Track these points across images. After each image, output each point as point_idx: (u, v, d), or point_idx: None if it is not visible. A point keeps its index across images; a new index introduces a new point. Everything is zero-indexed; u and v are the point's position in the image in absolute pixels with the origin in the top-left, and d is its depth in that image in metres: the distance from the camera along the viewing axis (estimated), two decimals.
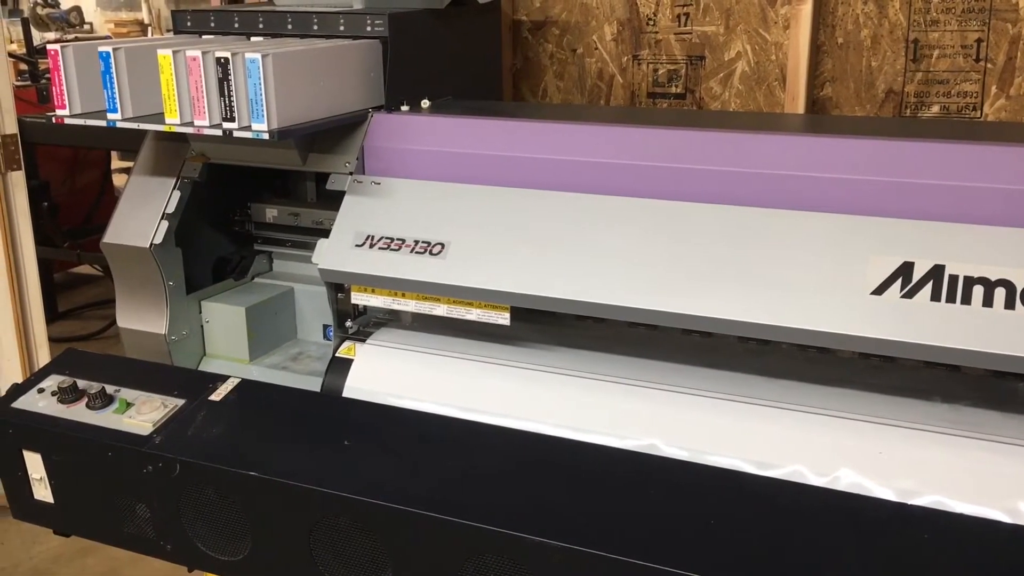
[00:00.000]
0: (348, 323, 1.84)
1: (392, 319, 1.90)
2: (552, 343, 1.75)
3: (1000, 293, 1.36)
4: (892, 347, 1.39)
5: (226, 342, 2.06)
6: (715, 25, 2.34)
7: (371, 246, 1.73)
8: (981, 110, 2.17)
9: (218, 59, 1.63)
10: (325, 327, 2.15)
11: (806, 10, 2.18)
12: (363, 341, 1.82)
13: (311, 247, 2.15)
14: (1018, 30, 2.09)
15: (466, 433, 1.54)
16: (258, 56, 1.60)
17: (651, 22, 2.41)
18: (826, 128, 1.75)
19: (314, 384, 1.89)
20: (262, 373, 2.02)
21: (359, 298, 1.79)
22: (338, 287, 1.81)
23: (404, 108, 1.90)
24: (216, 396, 1.63)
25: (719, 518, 1.30)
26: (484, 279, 1.63)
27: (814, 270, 1.46)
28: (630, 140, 1.65)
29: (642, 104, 2.47)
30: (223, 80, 1.64)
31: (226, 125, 1.66)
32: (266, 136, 1.62)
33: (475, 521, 1.29)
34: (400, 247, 1.71)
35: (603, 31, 2.46)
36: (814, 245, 1.49)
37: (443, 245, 1.68)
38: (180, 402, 1.63)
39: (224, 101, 1.65)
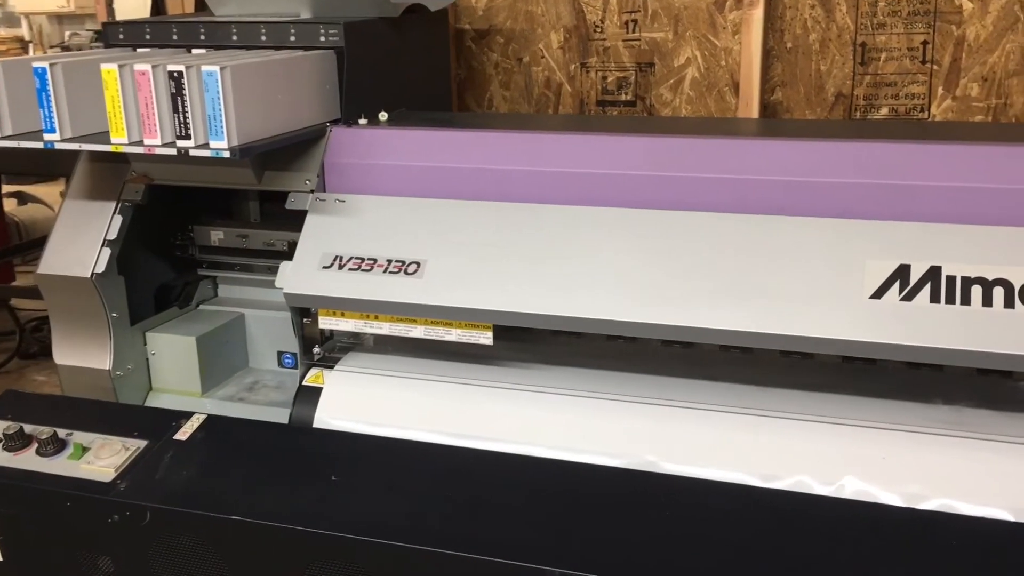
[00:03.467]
0: (315, 349, 1.74)
1: (357, 343, 1.81)
2: (532, 360, 1.69)
3: (999, 292, 1.36)
4: (894, 351, 1.37)
5: (176, 375, 1.93)
6: (664, 31, 2.32)
7: (340, 267, 1.64)
8: (928, 111, 2.20)
9: (171, 73, 1.52)
10: (280, 354, 2.04)
11: (757, 14, 2.17)
12: (331, 367, 1.73)
13: (260, 271, 2.06)
14: (962, 32, 2.13)
15: (457, 460, 1.46)
16: (216, 69, 1.49)
17: (598, 29, 2.38)
18: (806, 132, 1.74)
19: (279, 415, 1.78)
20: (217, 406, 1.90)
21: (327, 322, 1.69)
22: (303, 311, 1.71)
23: (362, 121, 1.81)
24: (182, 435, 1.51)
25: (734, 536, 1.26)
26: (466, 297, 1.56)
27: (810, 276, 1.44)
28: (613, 148, 1.61)
29: (591, 112, 2.44)
30: (176, 95, 1.53)
31: (180, 143, 1.55)
32: (227, 154, 1.52)
33: (490, 555, 1.22)
34: (372, 267, 1.62)
35: (549, 39, 2.42)
36: (808, 251, 1.46)
37: (419, 264, 1.60)
38: (142, 443, 1.50)
39: (178, 118, 1.54)
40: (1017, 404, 1.45)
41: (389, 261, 1.62)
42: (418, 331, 1.64)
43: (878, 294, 1.40)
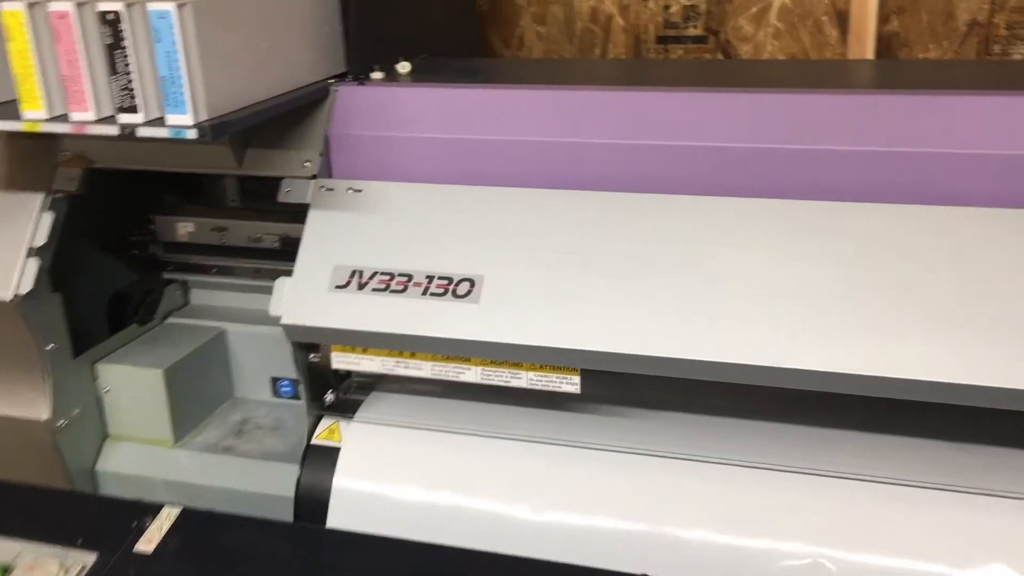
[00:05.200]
0: (328, 396, 1.27)
1: (382, 379, 1.34)
2: (628, 405, 1.23)
3: None
4: None
5: (138, 418, 1.46)
6: None
7: (360, 287, 1.16)
8: None
9: (103, 15, 1.02)
10: (275, 381, 1.57)
11: None
12: (350, 416, 1.26)
13: (245, 273, 1.58)
14: None
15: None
16: (170, 7, 0.99)
17: None
18: (987, 82, 1.27)
19: (280, 475, 1.34)
20: (195, 460, 1.44)
21: (342, 361, 1.22)
22: (309, 347, 1.24)
23: (377, 75, 1.32)
24: (146, 544, 1.05)
25: None
26: (543, 330, 1.09)
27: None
28: (752, 109, 1.13)
29: (650, 52, 1.94)
30: (113, 48, 1.03)
31: (124, 119, 1.06)
32: (192, 134, 1.03)
33: None
34: (406, 286, 1.15)
35: None
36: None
37: (473, 281, 1.13)
38: (90, 558, 1.04)
39: (117, 81, 1.05)
40: None
41: (430, 278, 1.15)
42: (472, 374, 1.18)
43: None
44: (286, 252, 1.46)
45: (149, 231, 1.56)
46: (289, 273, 1.21)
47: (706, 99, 1.16)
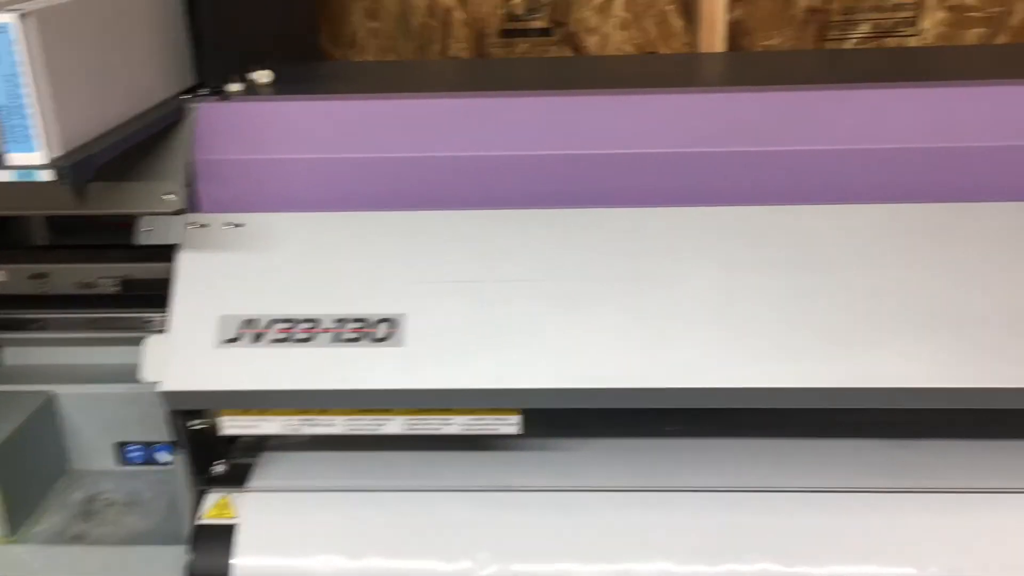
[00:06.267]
0: (216, 467, 1.08)
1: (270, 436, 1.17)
2: (569, 436, 1.13)
3: None
4: None
5: None
6: None
7: (255, 339, 0.99)
8: (918, 24, 1.79)
9: None
10: (121, 446, 1.34)
11: None
12: (242, 486, 1.08)
13: (76, 325, 1.34)
14: None
15: None
16: (9, 19, 0.78)
17: None
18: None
19: (152, 562, 1.14)
20: (39, 555, 1.20)
21: (235, 426, 1.04)
22: (191, 412, 1.05)
23: (235, 87, 1.14)
24: None
25: None
26: (478, 372, 0.97)
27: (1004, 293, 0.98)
28: (692, 109, 1.05)
29: (493, 47, 1.84)
30: None
31: None
32: (46, 175, 0.82)
33: None
34: (312, 334, 0.99)
35: None
36: (990, 249, 1.00)
37: (393, 322, 0.99)
38: None
39: None
40: None
41: (341, 321, 0.99)
42: (395, 425, 1.03)
43: None
44: (129, 298, 1.25)
45: None
46: (138, 324, 1.02)
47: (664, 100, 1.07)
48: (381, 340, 0.98)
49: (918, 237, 1.03)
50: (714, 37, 1.72)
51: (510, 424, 1.02)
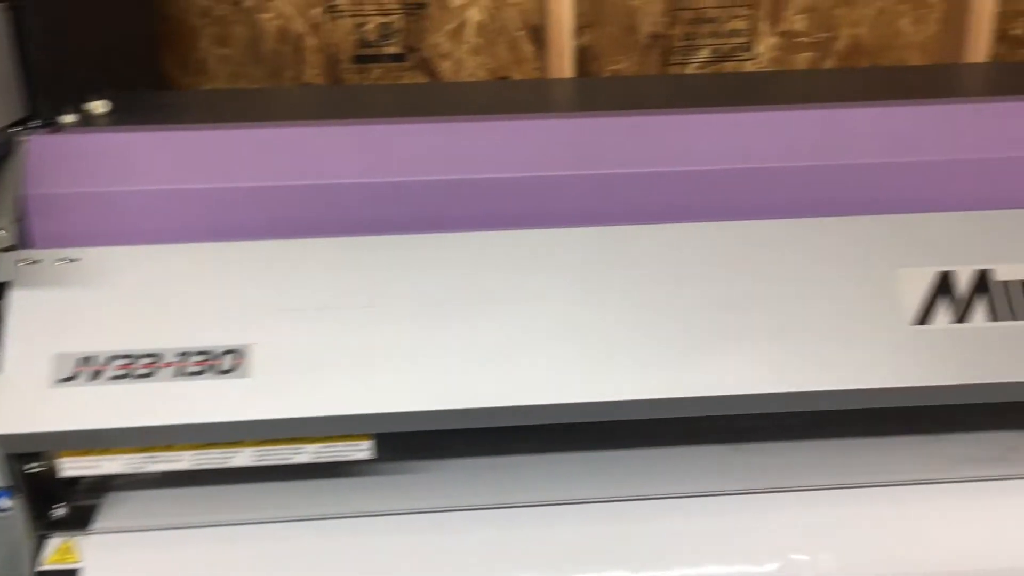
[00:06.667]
0: (56, 510, 1.05)
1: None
2: (420, 462, 1.14)
3: None
4: (963, 393, 1.02)
5: None
6: None
7: (92, 377, 0.96)
8: (753, 49, 1.89)
9: None
10: None
11: None
12: (83, 527, 1.05)
13: None
14: None
15: None
16: None
17: None
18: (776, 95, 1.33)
19: None
20: None
21: (75, 467, 1.01)
22: (27, 455, 1.01)
23: (69, 118, 1.11)
24: None
25: None
26: (329, 399, 0.97)
27: (827, 304, 1.04)
28: (538, 135, 1.08)
29: (347, 73, 1.84)
30: None
31: None
32: None
33: None
34: (154, 368, 0.97)
35: None
36: (815, 266, 1.06)
37: (239, 352, 0.98)
38: None
39: None
40: None
41: (184, 355, 0.98)
42: (244, 457, 1.02)
43: (924, 318, 1.03)
44: None
45: None
46: None
47: (503, 126, 1.09)
48: (227, 372, 0.97)
49: (754, 252, 1.08)
50: (563, 63, 1.77)
51: (362, 450, 1.03)
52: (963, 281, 1.04)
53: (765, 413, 1.02)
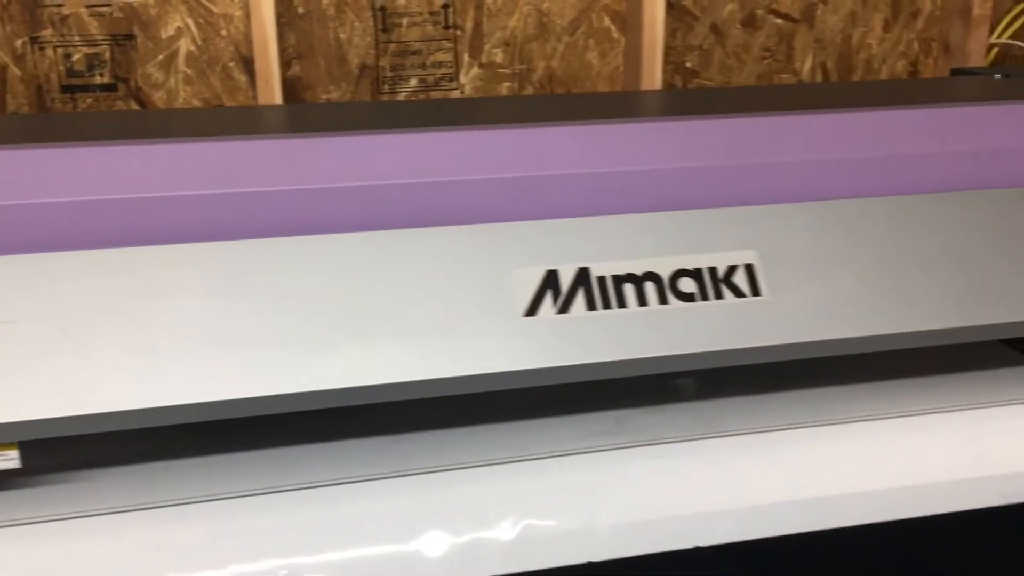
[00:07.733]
0: None
1: None
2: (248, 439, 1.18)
3: (651, 288, 1.22)
4: (558, 374, 1.17)
5: None
6: None
7: None
8: (457, 79, 2.04)
9: None
10: None
11: None
12: None
13: None
14: None
15: None
16: None
17: None
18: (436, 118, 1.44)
19: None
20: None
21: None
22: None
23: None
24: None
25: None
26: None
27: (448, 300, 1.17)
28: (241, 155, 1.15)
29: (56, 103, 1.86)
30: None
31: None
32: None
33: None
34: None
35: None
36: (439, 269, 1.19)
37: None
38: None
39: None
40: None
41: None
42: None
43: (532, 310, 1.18)
44: None
45: None
46: None
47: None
48: None
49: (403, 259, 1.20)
50: (271, 92, 1.86)
51: (9, 459, 1.07)
52: (566, 278, 1.20)
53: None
